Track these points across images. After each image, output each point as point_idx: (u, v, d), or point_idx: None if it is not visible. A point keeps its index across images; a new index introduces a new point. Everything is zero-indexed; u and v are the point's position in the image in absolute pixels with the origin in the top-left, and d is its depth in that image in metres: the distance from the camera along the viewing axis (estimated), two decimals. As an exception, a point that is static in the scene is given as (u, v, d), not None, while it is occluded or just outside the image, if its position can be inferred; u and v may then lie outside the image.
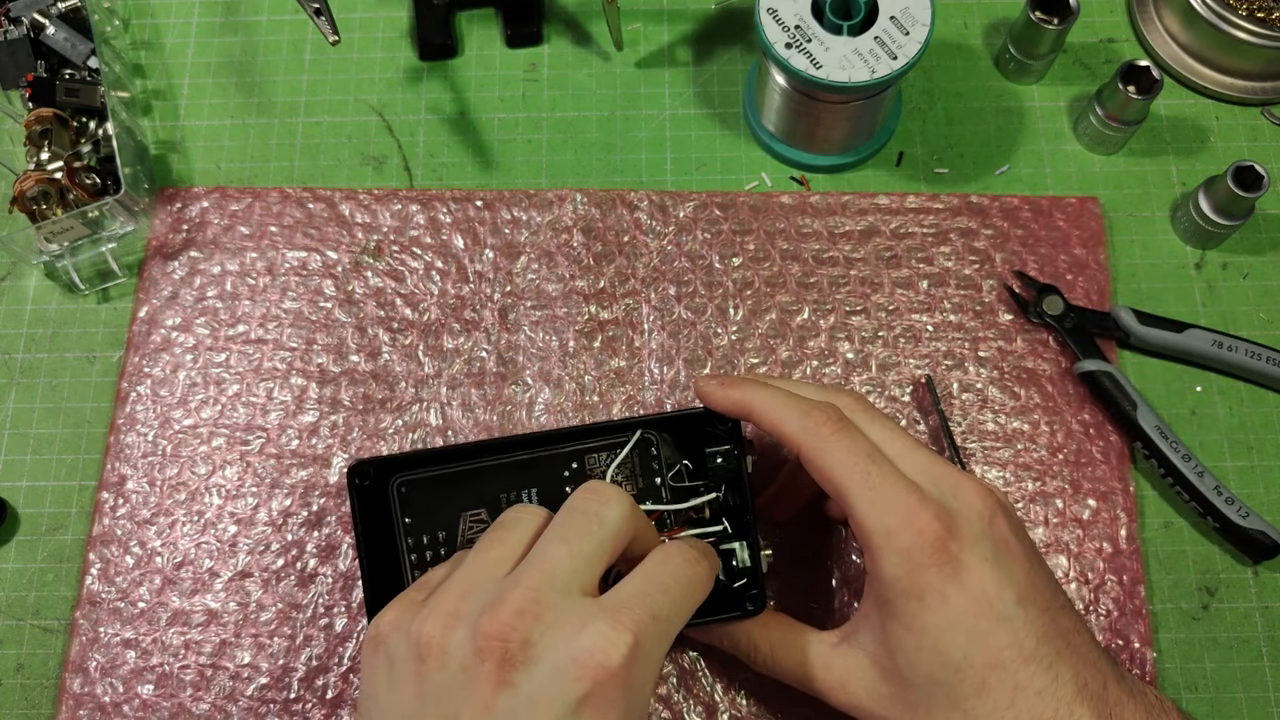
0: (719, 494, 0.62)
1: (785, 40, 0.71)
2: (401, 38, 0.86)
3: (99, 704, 0.68)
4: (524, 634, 0.45)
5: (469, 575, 0.50)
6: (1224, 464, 0.73)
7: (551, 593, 0.47)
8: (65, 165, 0.76)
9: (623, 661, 0.45)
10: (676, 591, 0.50)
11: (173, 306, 0.77)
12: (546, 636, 0.46)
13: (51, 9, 0.80)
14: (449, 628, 0.47)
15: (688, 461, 0.62)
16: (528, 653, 0.45)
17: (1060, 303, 0.74)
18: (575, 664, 0.45)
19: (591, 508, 0.51)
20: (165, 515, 0.72)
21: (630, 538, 0.52)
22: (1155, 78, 0.76)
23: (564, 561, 0.48)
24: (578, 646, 0.45)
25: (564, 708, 0.44)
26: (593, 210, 0.79)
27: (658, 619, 0.48)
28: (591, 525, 0.50)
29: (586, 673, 0.45)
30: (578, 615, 0.46)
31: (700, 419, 0.62)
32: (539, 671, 0.45)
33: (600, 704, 0.45)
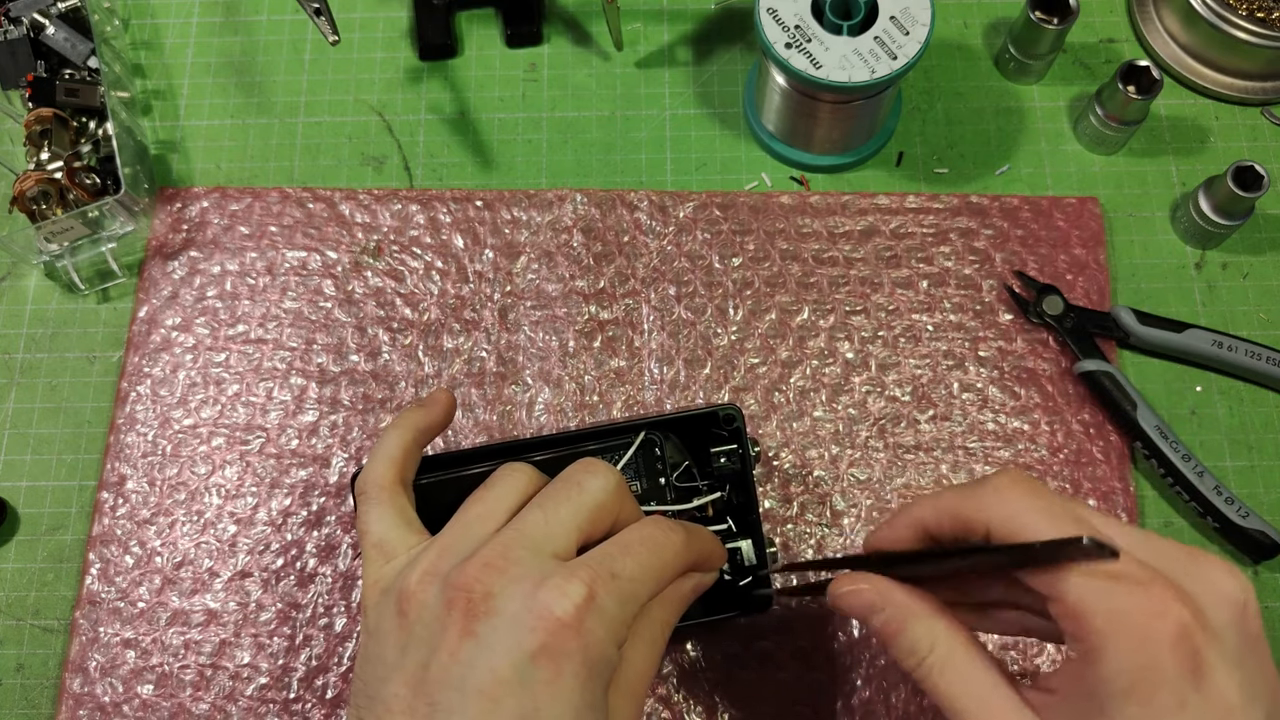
0: (723, 493, 0.62)
1: (785, 40, 0.71)
2: (401, 38, 0.86)
3: (99, 704, 0.68)
4: (487, 586, 0.47)
5: (450, 533, 0.51)
6: (1224, 464, 0.73)
7: (520, 549, 0.48)
8: (65, 165, 0.76)
9: (574, 613, 0.46)
10: (642, 553, 0.50)
11: (173, 306, 0.77)
12: (508, 589, 0.47)
13: (51, 9, 0.80)
14: (425, 583, 0.49)
15: (691, 462, 0.62)
16: (490, 604, 0.46)
17: (1060, 303, 0.74)
18: (530, 614, 0.46)
19: (576, 477, 0.52)
20: (165, 515, 0.72)
21: (615, 511, 0.52)
22: (1155, 78, 0.76)
23: (538, 524, 0.50)
24: (534, 599, 0.46)
25: (520, 656, 0.45)
26: (593, 210, 0.79)
27: (617, 576, 0.48)
28: (571, 492, 0.51)
29: (540, 623, 0.46)
30: (539, 571, 0.47)
31: (704, 419, 0.62)
32: (499, 622, 0.46)
33: (554, 654, 0.45)
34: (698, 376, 0.75)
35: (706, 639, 0.68)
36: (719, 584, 0.61)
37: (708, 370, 0.75)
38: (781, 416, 0.74)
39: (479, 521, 0.51)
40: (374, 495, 0.54)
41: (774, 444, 0.73)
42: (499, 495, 0.53)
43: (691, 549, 0.53)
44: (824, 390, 0.74)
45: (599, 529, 0.51)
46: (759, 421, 0.73)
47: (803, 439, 0.73)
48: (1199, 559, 0.45)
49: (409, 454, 0.56)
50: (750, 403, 0.74)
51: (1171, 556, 0.45)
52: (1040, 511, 0.46)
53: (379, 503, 0.54)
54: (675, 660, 0.68)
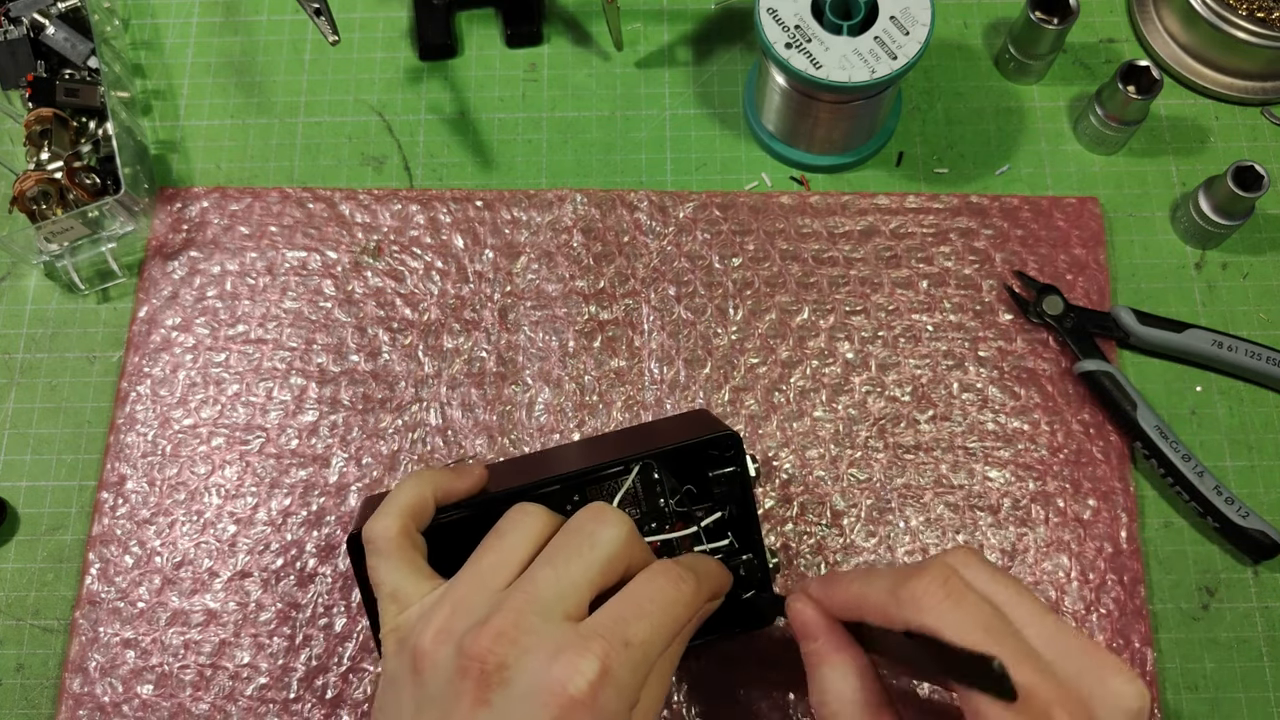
0: (723, 513, 0.62)
1: (785, 40, 0.71)
2: (401, 38, 0.86)
3: (99, 704, 0.68)
4: (501, 657, 0.47)
5: (463, 585, 0.51)
6: (1224, 464, 0.73)
7: (532, 616, 0.48)
8: (65, 165, 0.76)
9: (589, 690, 0.46)
10: (655, 613, 0.50)
11: (173, 306, 0.77)
12: (522, 660, 0.47)
13: (51, 9, 0.80)
14: (439, 643, 0.49)
15: (691, 486, 0.62)
16: (504, 675, 0.46)
17: (1060, 303, 0.74)
18: (544, 691, 0.46)
19: (587, 528, 0.51)
20: (165, 515, 0.72)
21: (627, 561, 0.52)
22: (1155, 78, 0.76)
23: (550, 585, 0.49)
24: (548, 674, 0.46)
25: None
26: (592, 210, 0.79)
27: (631, 644, 0.48)
28: (583, 547, 0.51)
29: (554, 700, 0.45)
30: (553, 641, 0.47)
31: (701, 445, 0.61)
32: (513, 694, 0.46)
33: None
34: (698, 376, 0.75)
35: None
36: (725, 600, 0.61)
37: (708, 370, 0.75)
38: (781, 416, 0.74)
39: (492, 573, 0.51)
40: (382, 548, 0.54)
41: (774, 444, 0.73)
42: (512, 545, 0.52)
43: (701, 595, 0.53)
44: (824, 390, 0.74)
45: (611, 580, 0.51)
46: (759, 421, 0.73)
47: (803, 439, 0.73)
48: (1104, 666, 0.46)
49: (422, 509, 0.56)
50: (750, 403, 0.74)
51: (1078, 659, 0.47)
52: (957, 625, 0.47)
53: (387, 555, 0.54)
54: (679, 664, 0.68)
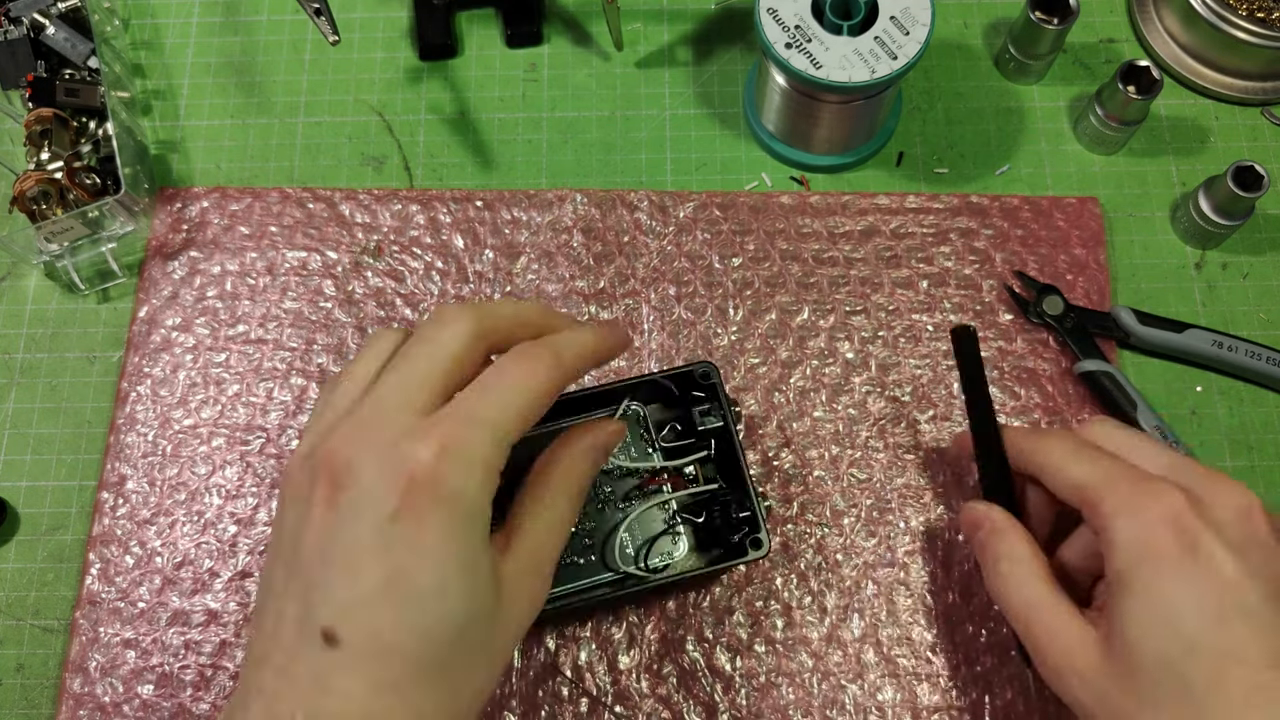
0: (709, 451, 0.65)
1: (785, 40, 0.71)
2: (401, 38, 0.86)
3: (99, 704, 0.68)
4: (346, 457, 0.47)
5: (319, 413, 0.52)
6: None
7: (377, 416, 0.48)
8: (65, 165, 0.76)
9: (430, 463, 0.46)
10: (501, 390, 0.49)
11: (173, 306, 0.77)
12: (364, 456, 0.47)
13: (51, 9, 0.80)
14: (297, 464, 0.49)
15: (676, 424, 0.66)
16: (350, 474, 0.46)
17: (1060, 303, 0.74)
18: (386, 476, 0.46)
19: (428, 333, 0.51)
20: (165, 515, 0.72)
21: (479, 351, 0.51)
22: (1155, 78, 0.76)
23: (394, 388, 0.49)
24: (391, 458, 0.46)
25: (380, 519, 0.45)
26: (592, 210, 0.79)
27: (475, 420, 0.48)
28: (424, 348, 0.50)
29: (397, 483, 0.45)
30: (395, 433, 0.47)
31: (679, 379, 0.65)
32: (359, 489, 0.46)
33: (414, 510, 0.45)
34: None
35: (707, 638, 0.69)
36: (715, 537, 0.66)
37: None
38: (782, 416, 0.74)
39: (343, 396, 0.51)
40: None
41: (774, 444, 0.73)
42: (363, 363, 0.52)
43: (565, 365, 0.52)
44: (824, 390, 0.74)
45: (466, 375, 0.50)
46: (759, 422, 0.73)
47: (803, 439, 0.73)
48: (1215, 477, 0.53)
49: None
50: (750, 403, 0.74)
51: (1191, 473, 0.54)
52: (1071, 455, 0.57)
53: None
54: (675, 660, 0.68)
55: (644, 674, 0.68)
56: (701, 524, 0.67)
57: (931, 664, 0.68)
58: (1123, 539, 0.52)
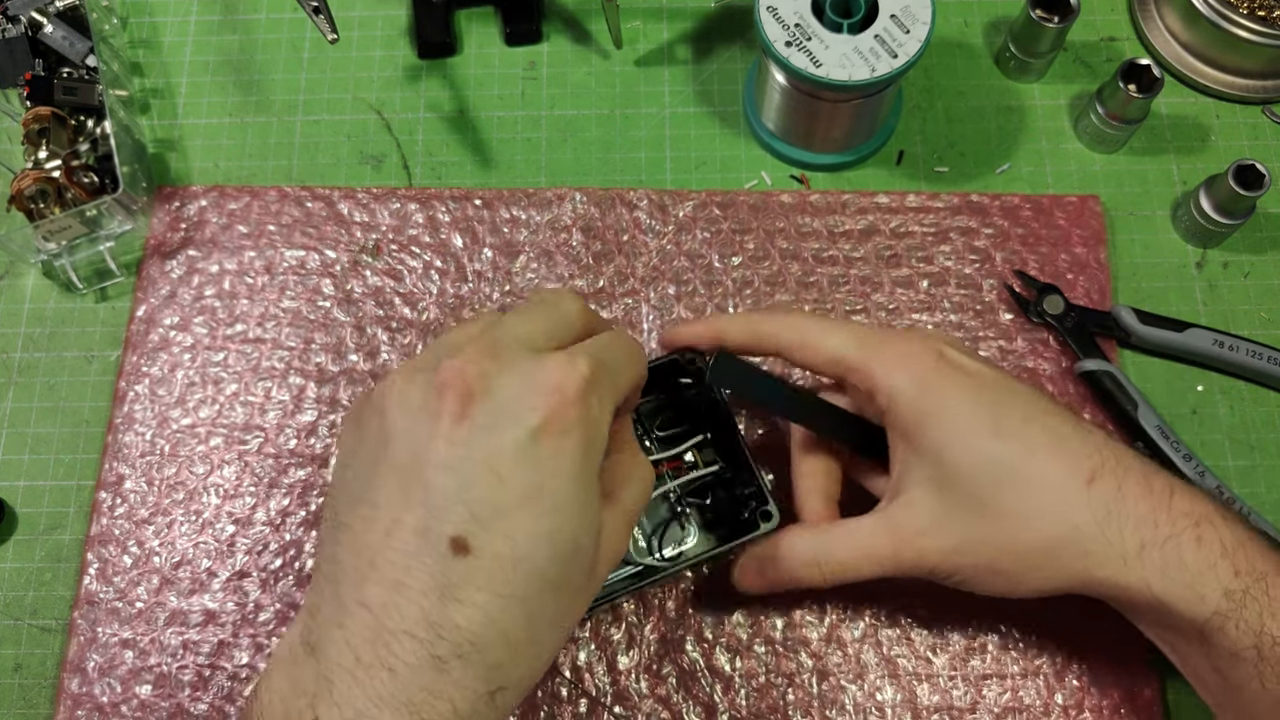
0: (706, 435, 0.67)
1: (785, 38, 0.71)
2: (400, 36, 0.86)
3: (97, 704, 0.68)
4: (481, 369, 0.47)
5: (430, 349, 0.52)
6: (1225, 463, 0.73)
7: (509, 339, 0.49)
8: (63, 164, 0.76)
9: (581, 387, 0.47)
10: (620, 350, 0.53)
11: (171, 305, 0.77)
12: (504, 372, 0.47)
13: (49, 7, 0.80)
14: (408, 380, 0.49)
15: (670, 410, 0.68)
16: (485, 383, 0.47)
17: (1061, 302, 0.74)
18: (531, 393, 0.47)
19: (549, 298, 0.54)
20: (163, 515, 0.72)
21: (582, 330, 0.54)
22: (1156, 76, 0.76)
23: (521, 325, 0.51)
24: (535, 377, 0.47)
25: (523, 434, 0.46)
26: (592, 209, 0.79)
27: (606, 364, 0.50)
28: (548, 308, 0.53)
29: (542, 399, 0.46)
30: (533, 357, 0.48)
31: (669, 369, 0.65)
32: (496, 402, 0.46)
33: (558, 430, 0.46)
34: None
35: (707, 638, 0.68)
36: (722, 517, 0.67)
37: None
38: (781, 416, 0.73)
39: (458, 334, 0.52)
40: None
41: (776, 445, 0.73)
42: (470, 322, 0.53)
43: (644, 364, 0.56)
44: (824, 390, 0.74)
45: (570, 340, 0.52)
46: (758, 422, 0.73)
47: (803, 439, 0.73)
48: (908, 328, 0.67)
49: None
50: (750, 402, 0.74)
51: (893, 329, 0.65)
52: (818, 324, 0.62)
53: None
54: (675, 661, 0.68)
55: (643, 674, 0.68)
56: (709, 506, 0.68)
57: (931, 664, 0.68)
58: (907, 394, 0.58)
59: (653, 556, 0.67)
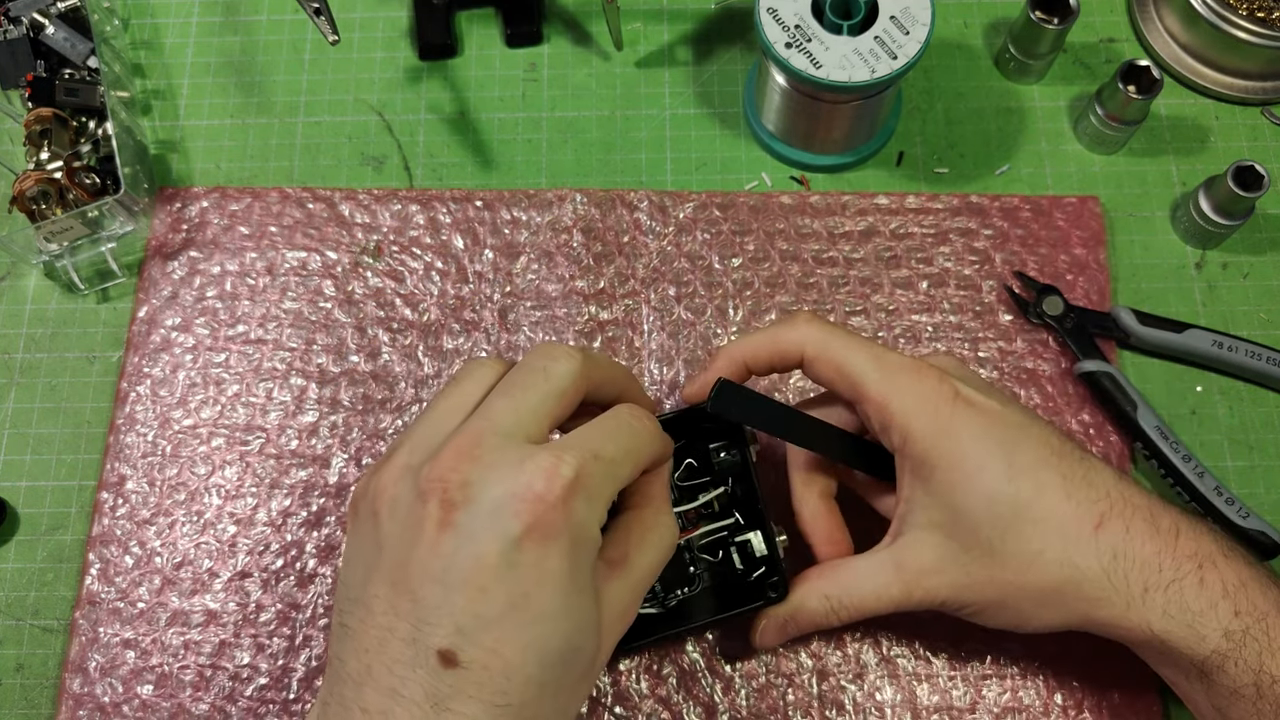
0: (726, 488, 0.64)
1: (785, 40, 0.71)
2: (401, 37, 0.86)
3: (99, 704, 0.68)
4: (463, 475, 0.47)
5: (419, 430, 0.51)
6: (1224, 464, 0.73)
7: (492, 437, 0.48)
8: (65, 165, 0.76)
9: (563, 492, 0.46)
10: (622, 437, 0.51)
11: (172, 306, 0.77)
12: (486, 476, 0.47)
13: (51, 8, 0.80)
14: (397, 480, 0.49)
15: (692, 460, 0.64)
16: (467, 492, 0.46)
17: (1060, 303, 0.74)
18: (515, 498, 0.46)
19: (539, 364, 0.52)
20: (165, 515, 0.72)
21: (581, 394, 0.52)
22: (1155, 77, 0.76)
23: (507, 413, 0.49)
24: (517, 481, 0.46)
25: (506, 542, 0.45)
26: (592, 210, 0.79)
27: (600, 458, 0.49)
28: (537, 379, 0.51)
29: (526, 505, 0.46)
30: (517, 456, 0.47)
31: (697, 416, 0.62)
32: (479, 509, 0.46)
33: (542, 535, 0.46)
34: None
35: (707, 638, 0.68)
36: (733, 579, 0.64)
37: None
38: (781, 417, 0.74)
39: (447, 415, 0.51)
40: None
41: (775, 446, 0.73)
42: (465, 389, 0.52)
43: (659, 439, 0.55)
44: (824, 390, 0.74)
45: (567, 412, 0.52)
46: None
47: (803, 439, 0.73)
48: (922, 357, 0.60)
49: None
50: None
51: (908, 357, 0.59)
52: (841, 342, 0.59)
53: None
54: (675, 661, 0.68)
55: (643, 675, 0.68)
56: (718, 563, 0.65)
57: (931, 664, 0.68)
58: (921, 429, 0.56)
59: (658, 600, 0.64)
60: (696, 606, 0.64)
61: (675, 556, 0.63)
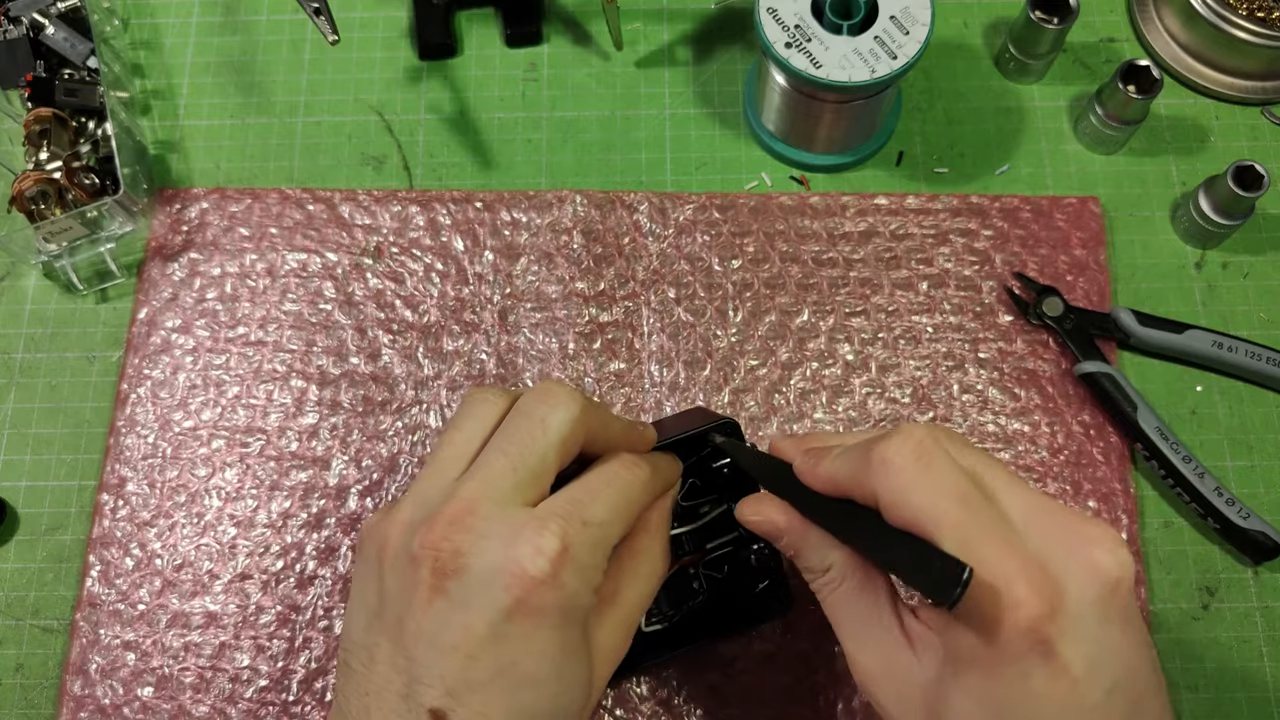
0: (730, 504, 0.62)
1: (785, 40, 0.71)
2: (401, 37, 0.86)
3: (99, 706, 0.68)
4: (456, 544, 0.47)
5: (424, 481, 0.52)
6: (1224, 464, 0.73)
7: (486, 503, 0.48)
8: (64, 165, 0.76)
9: (549, 568, 0.46)
10: (611, 495, 0.51)
11: (172, 308, 0.77)
12: (478, 546, 0.47)
13: (51, 9, 0.80)
14: (400, 535, 0.49)
15: (695, 479, 0.63)
16: (459, 562, 0.47)
17: (1060, 304, 0.74)
18: (503, 573, 0.46)
19: (538, 413, 0.51)
20: (165, 517, 0.72)
21: (580, 441, 0.52)
22: (1155, 77, 0.76)
23: (504, 474, 0.49)
24: (507, 556, 0.47)
25: (494, 614, 0.46)
26: (592, 212, 0.79)
27: (588, 523, 0.49)
28: (535, 432, 0.51)
29: (515, 581, 0.46)
30: (509, 525, 0.48)
31: (700, 438, 0.61)
32: (470, 579, 0.47)
33: (530, 610, 0.46)
34: (697, 379, 0.75)
35: (707, 641, 0.69)
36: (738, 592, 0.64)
37: (707, 372, 0.75)
38: (782, 418, 0.74)
39: (449, 464, 0.52)
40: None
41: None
42: (467, 435, 0.53)
43: (658, 479, 0.55)
44: (824, 392, 0.74)
45: (567, 459, 0.52)
46: (759, 424, 0.73)
47: (803, 440, 0.73)
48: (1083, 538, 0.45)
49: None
50: (750, 404, 0.74)
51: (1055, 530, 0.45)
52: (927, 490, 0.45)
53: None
54: (676, 663, 0.68)
55: (644, 677, 0.68)
56: (721, 578, 0.64)
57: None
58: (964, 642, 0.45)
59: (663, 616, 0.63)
60: (702, 621, 0.64)
61: (680, 572, 0.63)
